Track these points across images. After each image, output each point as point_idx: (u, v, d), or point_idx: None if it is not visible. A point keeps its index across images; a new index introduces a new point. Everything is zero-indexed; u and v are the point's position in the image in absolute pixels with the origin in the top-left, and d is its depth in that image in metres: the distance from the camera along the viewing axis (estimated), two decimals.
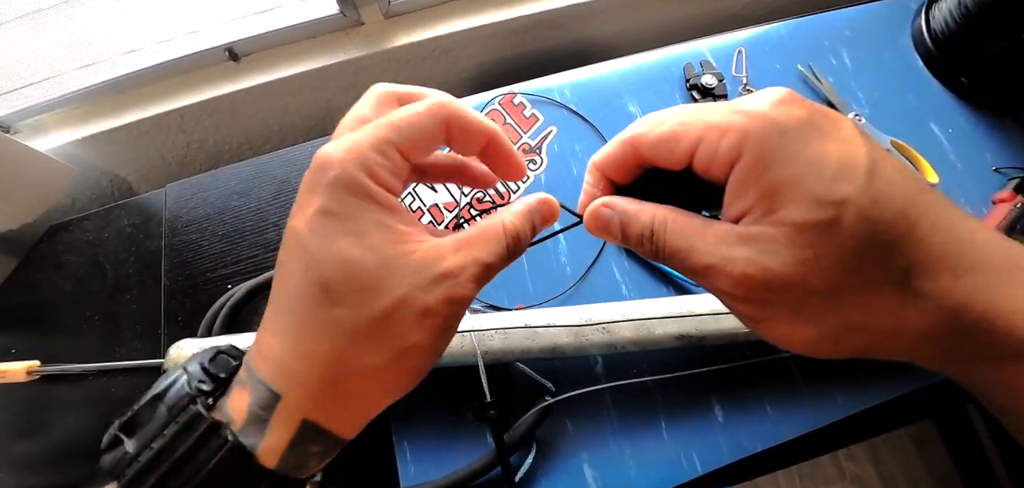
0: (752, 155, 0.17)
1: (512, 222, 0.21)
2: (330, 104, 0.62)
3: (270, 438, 0.18)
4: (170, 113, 0.55)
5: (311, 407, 0.18)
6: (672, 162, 0.20)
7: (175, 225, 0.48)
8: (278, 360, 0.18)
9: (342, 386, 0.18)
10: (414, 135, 0.19)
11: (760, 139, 0.17)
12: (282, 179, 0.49)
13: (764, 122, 0.17)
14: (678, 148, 0.19)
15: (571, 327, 0.36)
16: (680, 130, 0.19)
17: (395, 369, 0.19)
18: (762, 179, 0.17)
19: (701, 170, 0.19)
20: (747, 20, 0.69)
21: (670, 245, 0.19)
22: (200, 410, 0.18)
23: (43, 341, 0.45)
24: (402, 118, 0.19)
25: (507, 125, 0.50)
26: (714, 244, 0.18)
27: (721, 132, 0.18)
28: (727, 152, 0.18)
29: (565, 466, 0.37)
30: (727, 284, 0.18)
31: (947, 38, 0.49)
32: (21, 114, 0.54)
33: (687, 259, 0.19)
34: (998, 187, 0.45)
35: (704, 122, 0.18)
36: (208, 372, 0.20)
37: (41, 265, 0.48)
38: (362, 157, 0.18)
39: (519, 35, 0.60)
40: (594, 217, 0.21)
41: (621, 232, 0.21)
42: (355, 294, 0.18)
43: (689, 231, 0.19)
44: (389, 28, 0.57)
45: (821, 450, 0.38)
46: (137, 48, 0.55)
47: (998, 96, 0.49)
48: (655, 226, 0.20)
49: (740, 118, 0.18)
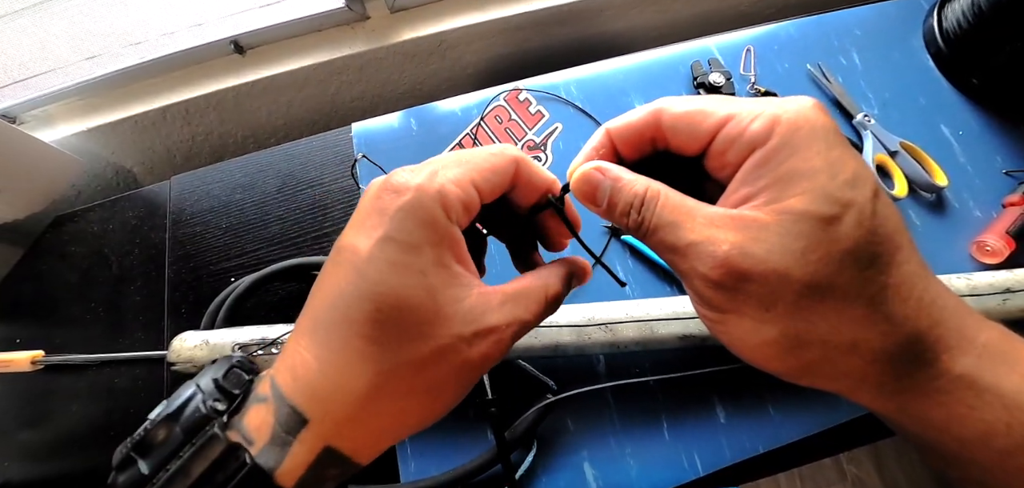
0: (780, 139, 0.17)
1: (556, 289, 0.21)
2: (335, 98, 0.62)
3: (290, 461, 0.18)
4: (175, 105, 0.55)
5: (336, 435, 0.18)
6: (693, 139, 0.19)
7: (179, 217, 0.48)
8: (310, 382, 0.18)
9: (371, 421, 0.18)
10: (491, 176, 0.20)
11: (791, 127, 0.17)
12: (286, 173, 0.49)
13: (797, 115, 0.18)
14: (704, 124, 0.19)
15: (574, 326, 0.35)
16: (708, 107, 0.19)
17: (424, 410, 0.19)
18: (782, 165, 0.17)
19: (719, 151, 0.19)
20: (756, 18, 0.68)
21: (657, 219, 0.19)
22: (217, 432, 0.18)
23: (47, 331, 0.45)
24: (482, 157, 0.20)
25: (512, 121, 0.49)
26: (702, 224, 0.18)
27: (753, 114, 0.18)
28: (755, 133, 0.18)
29: (566, 464, 0.37)
30: (704, 265, 0.17)
31: (959, 38, 0.48)
32: (27, 105, 0.54)
33: (669, 234, 0.18)
34: (1008, 190, 0.45)
35: (735, 105, 0.19)
36: (222, 389, 0.19)
37: (46, 256, 0.48)
38: (442, 190, 0.18)
39: (525, 31, 0.60)
40: (584, 180, 0.20)
41: (608, 200, 0.20)
42: (404, 333, 0.18)
43: (681, 208, 0.19)
44: (395, 23, 0.57)
45: (824, 453, 0.38)
46: (143, 40, 0.55)
47: (1010, 98, 0.48)
48: (647, 197, 0.19)
49: (774, 107, 0.18)
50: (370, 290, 0.17)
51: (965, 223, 0.44)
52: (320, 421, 0.18)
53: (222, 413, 0.18)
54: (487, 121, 0.49)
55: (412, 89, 0.64)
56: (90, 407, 0.42)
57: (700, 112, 0.19)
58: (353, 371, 0.18)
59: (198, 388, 0.19)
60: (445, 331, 0.18)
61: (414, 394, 0.18)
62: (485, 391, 0.34)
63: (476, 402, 0.34)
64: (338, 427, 0.18)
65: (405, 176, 0.18)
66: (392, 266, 0.17)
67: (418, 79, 0.63)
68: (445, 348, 0.18)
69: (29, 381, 0.42)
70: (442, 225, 0.18)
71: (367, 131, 0.50)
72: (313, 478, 0.18)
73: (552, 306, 0.21)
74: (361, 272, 0.17)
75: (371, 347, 0.17)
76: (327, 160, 0.49)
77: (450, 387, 0.19)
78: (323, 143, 0.50)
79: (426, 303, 0.18)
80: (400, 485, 0.35)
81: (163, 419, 0.18)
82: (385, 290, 0.17)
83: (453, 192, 0.18)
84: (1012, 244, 0.41)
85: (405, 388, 0.18)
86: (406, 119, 0.50)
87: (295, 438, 0.18)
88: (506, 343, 0.19)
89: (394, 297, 0.17)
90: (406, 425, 0.19)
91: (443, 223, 0.18)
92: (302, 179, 0.48)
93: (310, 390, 0.18)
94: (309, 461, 0.18)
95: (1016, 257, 0.41)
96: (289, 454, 0.18)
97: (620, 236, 0.44)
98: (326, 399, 0.18)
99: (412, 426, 0.20)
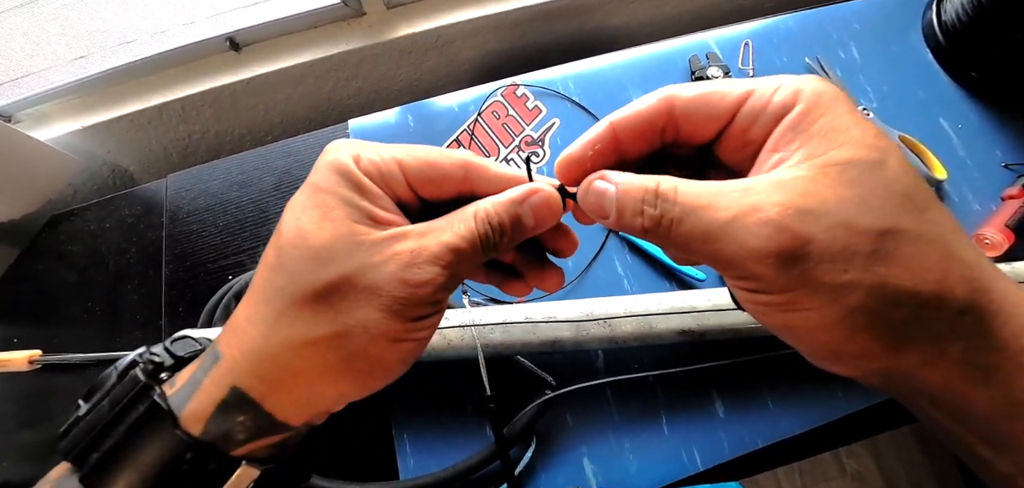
0: (807, 103, 0.17)
1: (488, 208, 0.19)
2: (331, 95, 0.61)
3: (196, 402, 0.18)
4: (171, 103, 0.55)
5: (245, 372, 0.18)
6: (710, 120, 0.18)
7: (176, 215, 0.48)
8: (233, 326, 0.19)
9: (279, 359, 0.18)
10: (426, 167, 0.19)
11: (817, 94, 0.17)
12: (283, 170, 0.48)
13: (817, 83, 0.17)
14: (723, 103, 0.18)
15: (572, 321, 0.35)
16: (723, 88, 0.18)
17: (337, 351, 0.17)
18: (814, 124, 0.16)
19: (740, 130, 0.18)
20: (753, 12, 0.68)
21: (680, 208, 0.17)
22: (137, 373, 0.18)
23: (45, 330, 0.45)
24: (423, 149, 0.20)
25: (510, 117, 0.49)
26: (738, 195, 0.16)
27: (774, 87, 0.17)
28: (780, 103, 0.17)
29: (565, 460, 0.37)
30: (755, 238, 0.15)
31: (958, 31, 0.48)
32: (23, 104, 0.54)
33: (700, 219, 0.16)
34: (1008, 183, 0.45)
35: (751, 83, 0.18)
36: (168, 350, 0.20)
37: (43, 255, 0.48)
38: (358, 152, 0.19)
39: (522, 26, 0.59)
40: (586, 192, 0.19)
41: (616, 207, 0.18)
42: (302, 263, 0.17)
43: (704, 189, 0.17)
44: (391, 19, 0.57)
45: (823, 447, 0.38)
46: (137, 38, 0.54)
47: (1009, 91, 0.48)
48: (660, 189, 0.17)
49: (792, 80, 0.17)
50: (279, 229, 0.18)
51: (964, 216, 0.44)
52: (230, 358, 0.18)
53: (159, 365, 0.19)
54: (484, 117, 0.49)
55: (409, 85, 0.64)
56: None
57: (716, 93, 0.18)
58: (260, 306, 0.18)
59: (149, 351, 0.20)
60: (347, 257, 0.17)
61: (321, 325, 0.17)
62: (484, 387, 0.34)
63: (475, 398, 0.34)
64: (249, 366, 0.18)
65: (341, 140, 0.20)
66: (301, 207, 0.18)
67: (415, 75, 0.62)
68: (349, 275, 0.17)
69: (26, 380, 0.42)
70: (354, 175, 0.18)
71: (364, 127, 0.50)
72: (221, 424, 0.18)
73: (488, 230, 0.18)
74: (283, 219, 0.18)
75: (275, 276, 0.18)
76: None
77: (363, 319, 0.17)
78: (320, 140, 0.49)
79: (328, 232, 0.17)
80: (399, 482, 0.35)
81: (109, 369, 0.19)
82: (289, 225, 0.18)
83: (368, 154, 0.19)
84: (1011, 237, 0.41)
85: (310, 319, 0.17)
86: (403, 115, 0.50)
87: (206, 377, 0.18)
88: (424, 269, 0.17)
89: (296, 229, 0.18)
90: (325, 372, 0.18)
91: (355, 174, 0.18)
92: (299, 176, 0.48)
93: (230, 330, 0.19)
94: (215, 403, 0.18)
95: (1015, 250, 0.41)
96: (197, 394, 0.18)
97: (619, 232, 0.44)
98: (239, 339, 0.18)
99: (334, 374, 0.18)
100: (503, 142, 0.48)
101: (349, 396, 0.19)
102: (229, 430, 0.18)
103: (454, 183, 0.20)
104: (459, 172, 0.20)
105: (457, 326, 0.35)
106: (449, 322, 0.35)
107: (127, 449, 0.18)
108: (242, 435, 0.18)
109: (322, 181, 0.18)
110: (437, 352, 0.35)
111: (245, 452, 0.18)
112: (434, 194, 0.20)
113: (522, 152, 0.48)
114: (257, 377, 0.18)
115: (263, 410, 0.18)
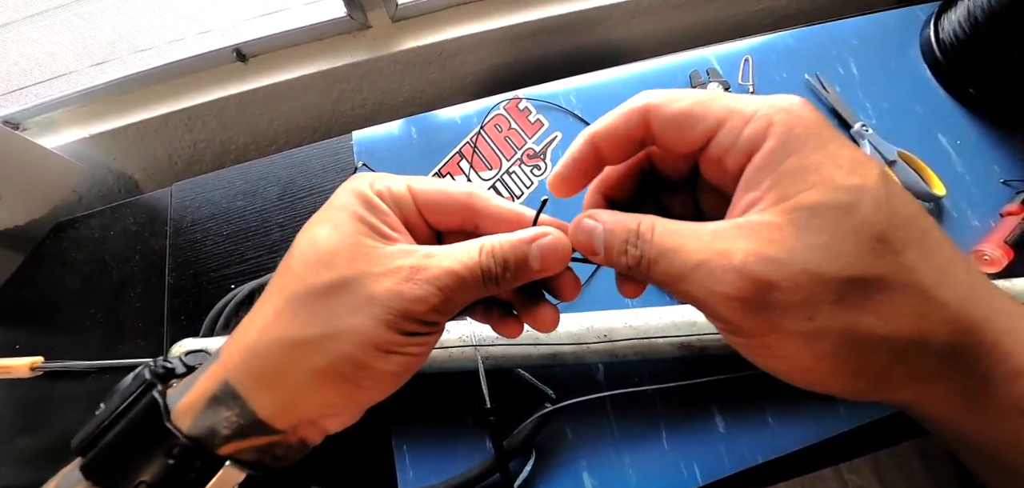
0: (776, 140, 0.16)
1: (495, 243, 0.19)
2: (336, 106, 0.62)
3: (189, 396, 0.19)
4: (177, 113, 0.56)
5: (237, 367, 0.18)
6: (684, 144, 0.18)
7: (180, 224, 0.48)
8: (236, 330, 0.19)
9: (269, 355, 0.18)
10: (436, 194, 0.20)
11: (787, 127, 0.16)
12: (287, 180, 0.49)
13: (791, 114, 0.16)
14: (696, 128, 0.18)
15: (573, 335, 0.35)
16: (700, 109, 0.18)
17: (324, 353, 0.17)
18: (782, 164, 0.16)
19: (715, 157, 0.18)
20: (754, 28, 0.68)
21: (655, 248, 0.17)
22: (144, 372, 0.19)
23: (47, 337, 0.45)
24: (433, 180, 0.21)
25: (512, 130, 0.50)
26: (707, 240, 0.16)
27: (746, 118, 0.17)
28: (750, 138, 0.17)
29: (564, 473, 0.37)
30: (721, 284, 0.15)
31: (956, 48, 0.49)
32: (30, 111, 0.54)
33: (673, 261, 0.17)
34: (1006, 200, 0.45)
35: (727, 107, 0.17)
36: (182, 360, 0.21)
37: (47, 261, 0.48)
38: (373, 176, 0.20)
39: (525, 40, 0.60)
40: (577, 230, 0.19)
41: (604, 246, 0.19)
42: (307, 266, 0.18)
43: (679, 232, 0.17)
44: (396, 32, 0.57)
45: (824, 463, 0.38)
46: (146, 48, 0.55)
47: (1007, 108, 0.48)
48: (640, 229, 0.18)
49: (766, 107, 0.17)
50: (298, 239, 0.19)
51: (963, 233, 0.44)
52: (226, 354, 0.19)
53: (169, 372, 0.20)
54: (487, 130, 0.49)
55: (413, 97, 0.64)
56: (89, 414, 0.41)
57: (691, 113, 0.18)
58: (264, 304, 0.19)
59: (164, 359, 0.21)
60: (349, 264, 0.18)
61: (315, 325, 0.17)
62: (484, 399, 0.34)
63: (475, 410, 0.34)
64: (241, 360, 0.18)
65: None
66: (318, 221, 0.19)
67: (419, 87, 0.63)
68: (347, 280, 0.18)
69: (28, 387, 0.42)
70: (366, 195, 0.19)
71: (368, 139, 0.50)
72: (208, 419, 0.18)
73: (491, 264, 0.18)
74: (300, 232, 0.20)
75: (283, 278, 0.19)
76: (328, 168, 0.49)
77: (355, 325, 0.17)
78: (324, 151, 0.50)
79: (334, 240, 0.18)
80: None
81: (129, 376, 0.20)
82: (303, 237, 0.19)
83: (384, 179, 0.20)
84: (1010, 253, 0.41)
85: (305, 318, 0.18)
86: (407, 127, 0.50)
87: (203, 374, 0.19)
88: (421, 286, 0.17)
89: (308, 239, 0.19)
90: (314, 376, 0.18)
91: (367, 194, 0.19)
92: (303, 186, 0.48)
93: (234, 333, 0.19)
94: (207, 394, 0.18)
95: (1014, 266, 0.41)
96: (192, 389, 0.19)
97: None
98: (238, 333, 0.19)
99: (323, 381, 0.18)
100: (505, 155, 0.49)
101: (336, 407, 0.19)
102: (214, 425, 0.18)
103: (459, 209, 0.20)
104: (463, 199, 0.20)
105: (458, 339, 0.35)
106: (450, 334, 0.36)
107: (125, 444, 0.18)
108: (227, 431, 0.18)
109: (337, 200, 0.20)
110: (438, 364, 0.35)
111: (230, 451, 0.18)
112: (442, 222, 0.21)
113: (524, 165, 0.48)
114: (247, 373, 0.18)
115: (247, 407, 0.18)
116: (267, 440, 0.19)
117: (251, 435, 0.18)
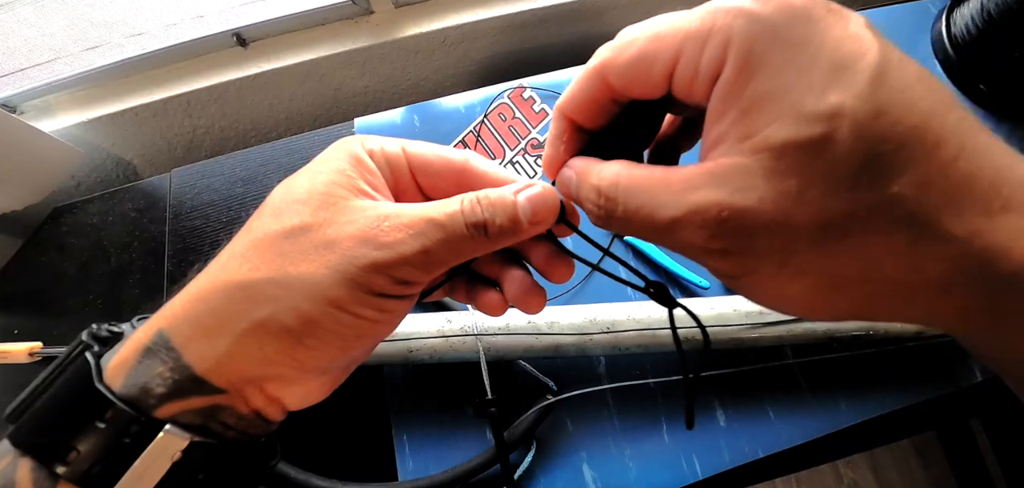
0: (734, 64, 0.14)
1: (479, 194, 0.18)
2: (337, 93, 0.61)
3: (123, 349, 0.17)
4: (177, 97, 0.55)
5: (176, 315, 0.17)
6: (650, 89, 0.16)
7: (179, 210, 0.48)
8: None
9: (211, 299, 0.17)
10: (430, 156, 0.20)
11: (744, 41, 0.14)
12: (288, 167, 0.48)
13: (749, 20, 0.14)
14: (654, 69, 0.15)
15: (575, 327, 0.35)
16: (653, 47, 0.15)
17: (268, 301, 0.16)
18: (743, 94, 0.14)
19: (683, 96, 0.15)
20: None
21: (625, 206, 0.16)
22: (82, 335, 0.18)
23: (45, 323, 0.45)
24: (426, 143, 0.20)
25: (516, 119, 0.49)
26: (680, 191, 0.15)
27: (702, 40, 0.14)
28: (709, 65, 0.14)
29: (565, 465, 0.36)
30: (699, 236, 0.14)
31: (968, 44, 0.48)
32: (27, 95, 0.53)
33: (647, 217, 0.15)
34: None
35: (682, 31, 0.15)
36: (134, 326, 0.19)
37: (45, 247, 0.48)
38: (371, 137, 0.19)
39: (530, 28, 0.59)
40: (560, 185, 0.18)
41: (577, 199, 0.18)
42: (272, 212, 0.17)
43: (649, 185, 0.15)
44: (399, 18, 0.57)
45: (823, 458, 0.38)
46: (144, 31, 0.54)
47: (1018, 105, 0.48)
48: (603, 185, 0.16)
49: (723, 17, 0.14)
50: (274, 190, 0.19)
51: None
52: (169, 305, 0.17)
53: (111, 331, 0.19)
54: (490, 118, 0.49)
55: (415, 85, 0.64)
56: None
57: (643, 56, 0.16)
58: (223, 252, 0.18)
59: (109, 324, 0.20)
60: (317, 213, 0.17)
61: (265, 269, 0.16)
62: (485, 390, 0.34)
63: (476, 401, 0.34)
64: (181, 307, 0.17)
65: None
66: (301, 172, 0.19)
67: (421, 75, 0.62)
68: (309, 225, 0.16)
69: (27, 373, 0.42)
70: (357, 153, 0.19)
71: (369, 126, 0.49)
72: (140, 375, 0.16)
73: (475, 215, 0.17)
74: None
75: (248, 225, 0.18)
76: None
77: (307, 271, 0.16)
78: (325, 137, 0.49)
79: (305, 188, 0.17)
80: (398, 483, 0.35)
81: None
82: (285, 183, 0.18)
83: (377, 139, 0.19)
84: None
85: (257, 260, 0.16)
86: (409, 115, 0.50)
87: (140, 327, 0.17)
88: (391, 234, 0.16)
89: (285, 188, 0.18)
90: (254, 324, 0.16)
91: (359, 151, 0.19)
92: None
93: (189, 284, 0.18)
94: (140, 347, 0.16)
95: None
96: (125, 343, 0.17)
97: (623, 237, 0.44)
98: (190, 284, 0.18)
99: (261, 326, 0.16)
100: (509, 145, 0.48)
101: (275, 364, 0.17)
102: (147, 383, 0.16)
103: (454, 173, 0.20)
104: (460, 163, 0.20)
105: (459, 329, 0.35)
106: (451, 324, 0.35)
107: (54, 410, 0.17)
108: (160, 388, 0.16)
109: (325, 154, 0.19)
110: (439, 353, 0.35)
111: (168, 414, 0.16)
112: (435, 187, 0.20)
113: (528, 155, 0.48)
114: (186, 320, 0.17)
115: (181, 360, 0.16)
116: (207, 401, 0.17)
117: (187, 394, 0.16)
